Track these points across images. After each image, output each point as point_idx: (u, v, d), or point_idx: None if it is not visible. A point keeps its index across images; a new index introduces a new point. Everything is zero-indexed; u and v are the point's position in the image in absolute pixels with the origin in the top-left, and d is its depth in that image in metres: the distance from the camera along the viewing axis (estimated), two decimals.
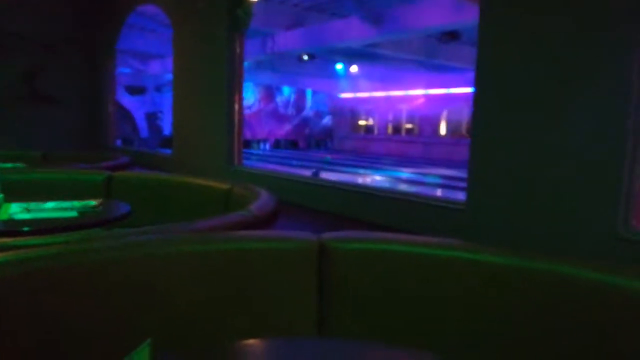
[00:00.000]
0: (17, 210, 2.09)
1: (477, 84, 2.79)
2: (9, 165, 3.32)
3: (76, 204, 2.23)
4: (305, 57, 13.09)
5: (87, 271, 1.15)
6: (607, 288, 1.09)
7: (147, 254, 1.23)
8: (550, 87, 2.52)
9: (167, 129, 17.28)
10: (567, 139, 2.42)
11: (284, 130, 22.94)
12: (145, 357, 0.70)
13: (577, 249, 2.33)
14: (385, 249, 1.32)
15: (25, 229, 1.89)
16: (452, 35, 10.36)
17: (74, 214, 2.08)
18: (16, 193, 2.32)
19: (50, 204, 2.19)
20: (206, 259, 1.27)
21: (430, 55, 12.76)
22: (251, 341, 1.02)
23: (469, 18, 7.66)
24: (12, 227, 1.91)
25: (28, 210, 2.09)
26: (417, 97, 19.97)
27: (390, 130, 22.15)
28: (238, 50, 5.75)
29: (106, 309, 1.14)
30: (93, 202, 2.26)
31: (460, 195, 3.03)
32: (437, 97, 19.25)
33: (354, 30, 9.90)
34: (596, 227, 2.27)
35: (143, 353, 0.70)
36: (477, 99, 2.81)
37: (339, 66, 16.17)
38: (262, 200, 2.00)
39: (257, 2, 6.34)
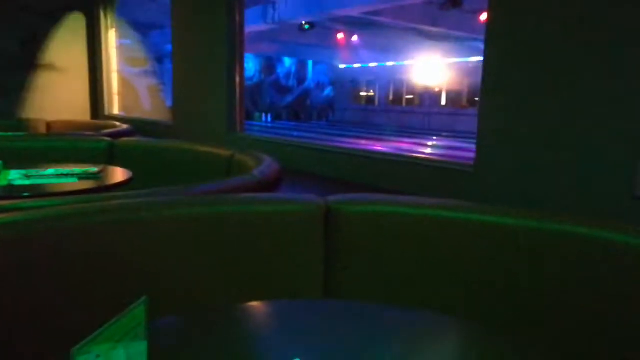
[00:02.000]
0: (16, 177, 2.06)
1: (488, 45, 2.73)
2: (10, 134, 3.28)
3: (77, 170, 2.20)
4: (306, 26, 12.88)
5: (85, 233, 1.13)
6: (620, 247, 1.07)
7: (148, 217, 1.20)
8: (564, 47, 2.46)
9: (169, 101, 17.11)
10: (581, 99, 2.38)
11: (285, 101, 22.78)
12: (141, 314, 0.67)
13: (590, 209, 2.31)
14: (391, 211, 1.30)
15: (25, 194, 1.86)
16: (454, 3, 10.10)
17: (74, 179, 2.05)
18: (18, 160, 2.29)
19: (50, 171, 2.17)
20: (210, 222, 1.25)
21: (432, 24, 12.52)
22: (256, 303, 1.00)
23: None
24: (11, 193, 1.89)
25: (28, 177, 2.06)
26: (418, 66, 19.75)
27: (390, 100, 21.98)
28: (238, 18, 5.63)
29: (105, 272, 1.12)
30: (94, 169, 2.23)
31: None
32: (438, 66, 19.03)
33: None
34: (611, 187, 2.25)
35: (139, 310, 0.67)
36: (487, 61, 2.75)
37: (340, 36, 15.90)
38: (264, 165, 1.97)
39: None
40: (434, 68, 19.27)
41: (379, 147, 11.98)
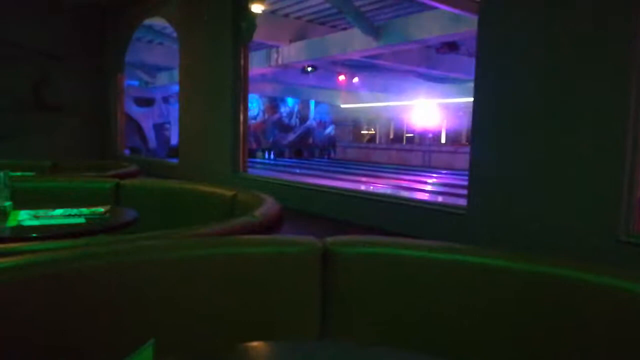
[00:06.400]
0: (25, 217, 2.11)
1: (477, 91, 2.84)
2: (18, 174, 3.34)
3: (84, 210, 2.24)
4: (309, 69, 13.23)
5: (92, 275, 1.15)
6: (608, 290, 1.09)
7: (152, 258, 1.24)
8: (550, 95, 2.55)
9: (174, 139, 17.44)
10: (567, 144, 2.45)
11: (288, 139, 23.05)
12: (148, 357, 0.69)
13: (578, 253, 2.34)
14: (389, 253, 1.32)
15: (33, 235, 1.90)
16: (450, 47, 10.43)
17: (81, 220, 2.10)
18: (25, 201, 2.34)
19: (58, 211, 2.21)
20: (210, 263, 1.27)
21: (430, 66, 12.88)
22: (254, 344, 1.02)
23: (467, 29, 7.78)
24: (20, 234, 1.93)
25: (36, 217, 2.11)
26: (417, 107, 20.14)
27: (391, 139, 22.29)
28: (243, 62, 5.83)
29: (111, 313, 1.14)
30: (101, 209, 2.28)
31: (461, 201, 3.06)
32: (436, 106, 19.41)
33: (355, 42, 10.02)
34: (597, 231, 2.29)
35: (146, 353, 0.69)
36: (477, 106, 2.85)
37: (342, 78, 16.27)
38: (266, 206, 2.00)
39: (260, 15, 6.44)
40: (434, 107, 19.61)
41: (379, 185, 12.04)
